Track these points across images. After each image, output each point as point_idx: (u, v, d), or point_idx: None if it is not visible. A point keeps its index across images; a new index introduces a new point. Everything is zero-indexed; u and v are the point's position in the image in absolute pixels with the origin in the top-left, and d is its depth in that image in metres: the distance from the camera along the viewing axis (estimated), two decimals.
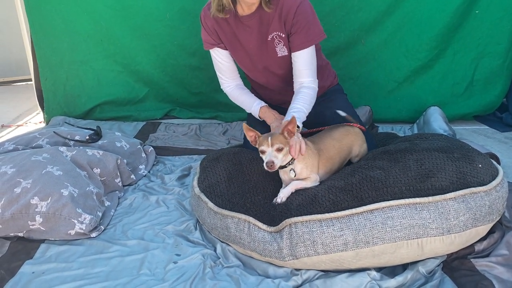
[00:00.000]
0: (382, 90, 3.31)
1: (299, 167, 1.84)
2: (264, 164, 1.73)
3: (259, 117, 2.32)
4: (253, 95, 2.39)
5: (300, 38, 2.12)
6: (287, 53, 2.21)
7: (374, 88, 3.31)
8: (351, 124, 2.13)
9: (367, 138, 2.16)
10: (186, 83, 3.52)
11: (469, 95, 3.23)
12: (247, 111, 2.41)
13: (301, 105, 2.08)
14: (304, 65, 2.16)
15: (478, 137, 2.95)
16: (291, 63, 2.25)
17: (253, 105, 2.33)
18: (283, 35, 2.15)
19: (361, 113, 2.98)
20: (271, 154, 1.73)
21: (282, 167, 1.84)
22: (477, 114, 3.31)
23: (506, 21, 3.02)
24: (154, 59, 3.45)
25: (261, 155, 1.78)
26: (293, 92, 2.43)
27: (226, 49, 2.32)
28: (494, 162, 1.88)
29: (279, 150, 1.74)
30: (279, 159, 1.74)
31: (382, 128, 3.15)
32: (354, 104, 2.69)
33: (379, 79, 3.30)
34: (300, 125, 2.01)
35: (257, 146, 1.82)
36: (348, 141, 2.02)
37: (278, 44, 2.18)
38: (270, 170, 1.73)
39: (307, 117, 2.06)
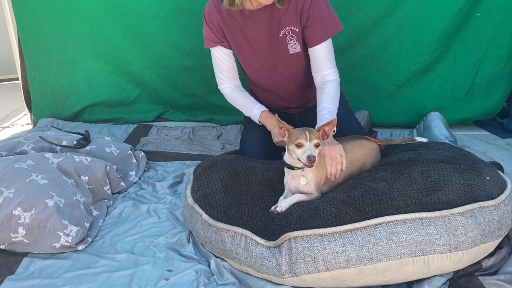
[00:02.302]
0: (381, 93, 3.23)
1: (310, 175, 1.75)
2: (304, 158, 1.62)
3: (259, 121, 2.23)
4: (253, 98, 2.29)
5: (317, 31, 2.03)
6: (299, 50, 2.12)
7: (373, 92, 3.23)
8: (369, 138, 2.04)
9: None
10: (179, 84, 3.41)
11: (470, 100, 3.16)
12: (246, 115, 2.31)
13: (330, 103, 2.01)
14: (324, 57, 2.09)
15: (479, 143, 2.88)
16: (302, 61, 2.17)
17: (253, 109, 2.23)
18: (297, 29, 2.06)
19: (360, 118, 2.90)
20: (311, 149, 1.65)
21: (291, 167, 1.76)
22: (478, 119, 3.24)
23: (508, 24, 2.95)
24: (146, 59, 3.33)
25: (295, 149, 1.68)
26: (295, 98, 2.35)
27: (229, 48, 2.21)
28: (501, 174, 1.80)
29: (316, 146, 1.67)
30: (317, 155, 1.66)
31: (381, 133, 3.07)
32: (353, 108, 2.61)
33: (378, 82, 3.21)
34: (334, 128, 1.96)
35: (285, 139, 1.74)
36: (361, 154, 1.92)
37: (291, 40, 2.08)
38: (309, 166, 1.64)
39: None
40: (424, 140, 2.09)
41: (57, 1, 3.14)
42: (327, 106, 2.00)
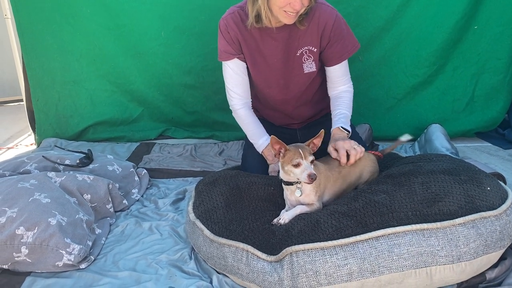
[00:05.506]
0: (381, 107, 3.25)
1: (308, 188, 1.76)
2: (305, 177, 1.64)
3: (262, 152, 2.25)
4: (261, 125, 2.29)
5: (337, 51, 2.09)
6: (314, 69, 2.14)
7: (373, 105, 3.25)
8: (369, 151, 2.06)
9: None
10: (181, 102, 3.45)
11: (470, 111, 3.18)
12: (250, 140, 2.32)
13: (345, 109, 2.12)
14: (341, 75, 2.17)
15: (481, 154, 2.88)
16: (315, 80, 2.20)
17: (260, 139, 2.24)
18: (315, 50, 2.09)
19: (361, 131, 2.91)
20: (310, 166, 1.67)
21: (289, 183, 1.76)
22: (479, 131, 3.25)
23: (506, 36, 2.98)
24: (148, 78, 3.38)
25: (293, 169, 1.69)
26: (300, 114, 2.38)
27: (244, 61, 2.19)
28: (503, 184, 1.80)
29: (311, 162, 1.70)
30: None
31: (383, 146, 3.06)
32: (354, 122, 2.61)
33: (378, 96, 3.24)
34: (349, 129, 2.06)
35: (280, 160, 1.74)
36: (359, 165, 1.93)
37: (307, 60, 2.11)
38: (310, 183, 1.67)
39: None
40: (408, 137, 2.20)
41: (60, 23, 3.21)
42: (342, 112, 2.11)
